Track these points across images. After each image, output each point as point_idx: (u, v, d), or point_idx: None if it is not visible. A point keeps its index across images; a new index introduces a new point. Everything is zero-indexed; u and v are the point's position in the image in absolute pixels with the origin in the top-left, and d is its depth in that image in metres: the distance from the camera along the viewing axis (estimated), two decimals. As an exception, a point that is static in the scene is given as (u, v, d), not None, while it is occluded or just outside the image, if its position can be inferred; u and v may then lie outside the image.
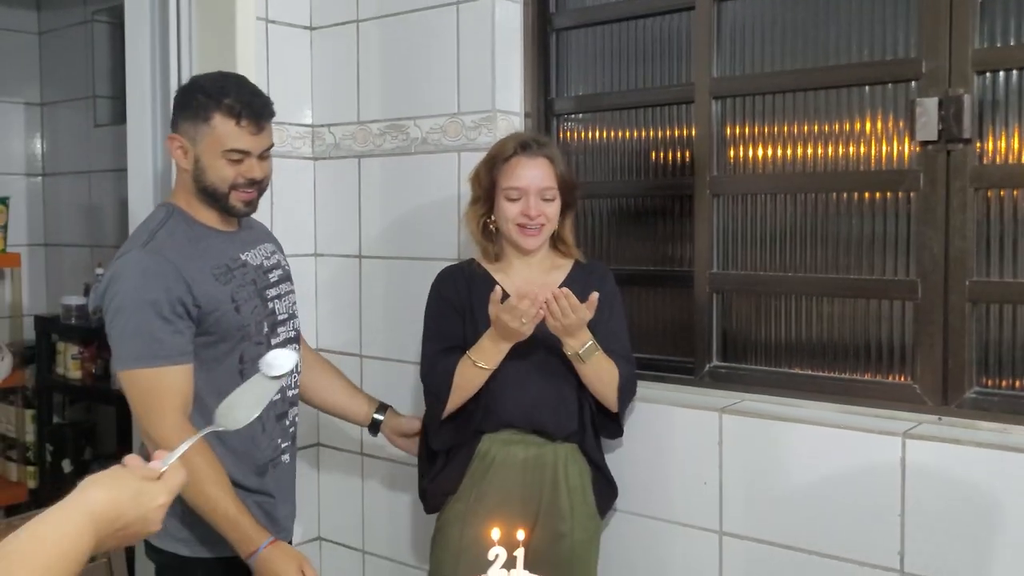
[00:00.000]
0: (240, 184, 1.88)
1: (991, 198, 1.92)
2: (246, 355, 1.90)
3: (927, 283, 1.98)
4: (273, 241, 2.14)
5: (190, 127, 1.86)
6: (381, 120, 2.71)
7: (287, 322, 2.04)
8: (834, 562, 1.97)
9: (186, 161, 1.88)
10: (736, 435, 2.11)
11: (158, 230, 1.87)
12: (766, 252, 2.23)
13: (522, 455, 2.04)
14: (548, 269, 2.11)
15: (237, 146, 1.86)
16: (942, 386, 1.96)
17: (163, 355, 1.79)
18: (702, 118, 2.28)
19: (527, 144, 2.03)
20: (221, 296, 1.86)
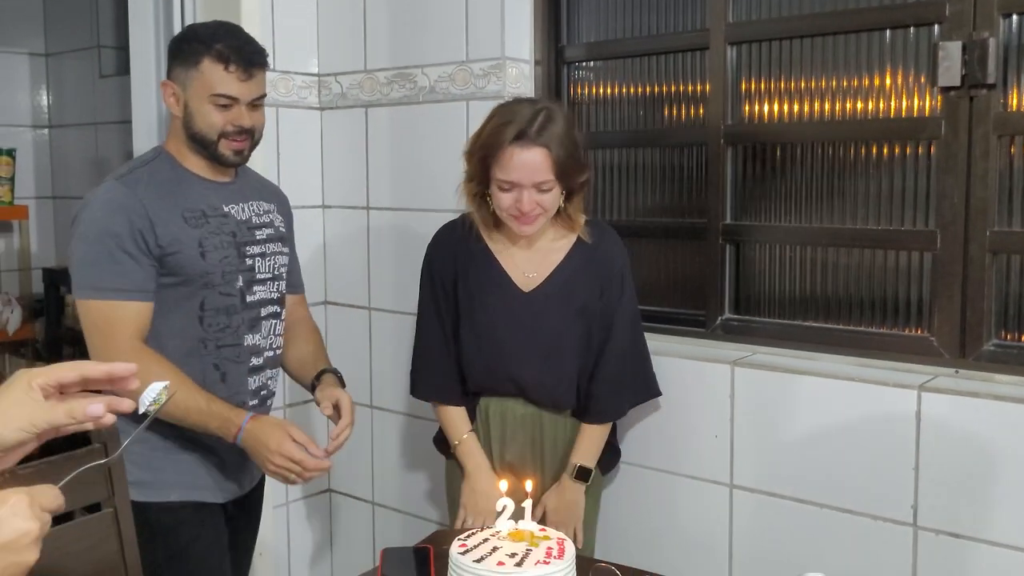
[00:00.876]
0: (229, 132, 1.86)
1: (1015, 146, 1.87)
2: (208, 303, 1.86)
3: (946, 233, 1.93)
4: (277, 202, 2.09)
5: (181, 72, 1.85)
6: (389, 68, 2.66)
7: (269, 283, 1.98)
8: (846, 515, 1.96)
9: (177, 107, 1.87)
10: (748, 388, 2.09)
11: (139, 167, 1.87)
12: (781, 203, 2.18)
13: (520, 411, 2.04)
14: (551, 241, 1.99)
15: (224, 91, 1.83)
16: (960, 339, 1.93)
17: (121, 288, 1.77)
18: (717, 65, 2.22)
19: (523, 132, 1.83)
20: (185, 238, 1.82)
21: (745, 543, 2.11)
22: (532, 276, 1.98)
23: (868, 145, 2.04)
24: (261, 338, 1.96)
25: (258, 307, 1.95)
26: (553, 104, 1.93)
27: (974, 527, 1.81)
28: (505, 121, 1.85)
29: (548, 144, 1.83)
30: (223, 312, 1.88)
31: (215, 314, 1.87)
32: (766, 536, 2.08)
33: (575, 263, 1.97)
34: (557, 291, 1.97)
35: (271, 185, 2.17)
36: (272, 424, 1.82)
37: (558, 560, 1.34)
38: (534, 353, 1.98)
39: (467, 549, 1.37)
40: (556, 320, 1.97)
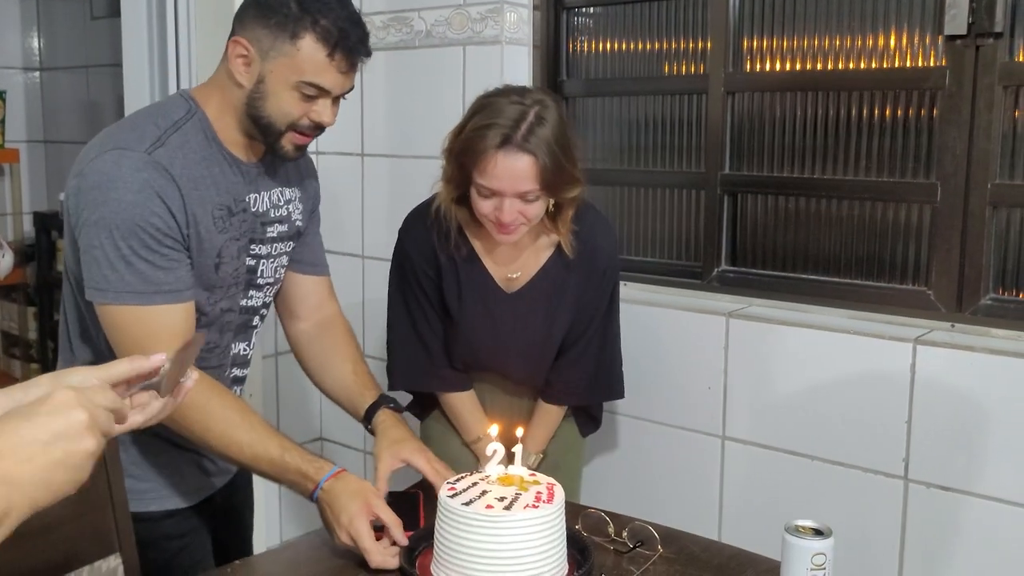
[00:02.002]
0: (303, 126, 1.50)
1: (1020, 96, 1.83)
2: (202, 320, 1.55)
3: (947, 186, 1.90)
4: (302, 184, 1.71)
5: (267, 37, 1.45)
6: (384, 12, 2.61)
7: (267, 288, 1.67)
8: (838, 468, 1.96)
9: (246, 75, 1.47)
10: (743, 340, 2.08)
11: (171, 133, 1.47)
12: (781, 153, 2.15)
13: (500, 381, 1.98)
14: (536, 239, 1.83)
15: (319, 81, 1.46)
16: (957, 293, 1.91)
17: (164, 290, 1.44)
18: (719, 11, 2.18)
19: (508, 137, 1.62)
20: (209, 245, 1.50)
21: (736, 494, 2.11)
22: (515, 277, 1.85)
23: (871, 96, 2.01)
24: (247, 347, 1.69)
25: (250, 314, 1.65)
26: (546, 99, 1.69)
27: (965, 480, 1.81)
28: (489, 122, 1.64)
29: (536, 151, 1.62)
30: (216, 328, 1.58)
31: (207, 329, 1.56)
32: (757, 487, 2.08)
33: (562, 262, 1.83)
34: (542, 290, 1.84)
35: (305, 160, 1.74)
36: (353, 492, 1.45)
37: (547, 504, 1.33)
38: (517, 352, 1.89)
39: (456, 493, 1.36)
40: (541, 318, 1.85)
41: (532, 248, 1.84)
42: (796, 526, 1.25)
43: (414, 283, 1.89)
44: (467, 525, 1.30)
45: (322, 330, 1.76)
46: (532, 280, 1.84)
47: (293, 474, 1.47)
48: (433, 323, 1.90)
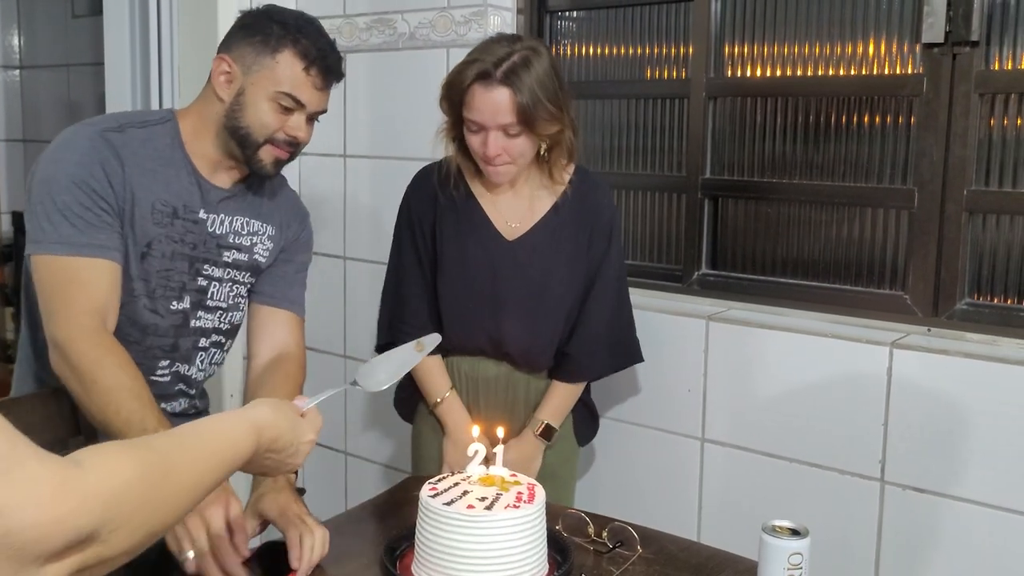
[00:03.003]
0: (279, 139, 1.58)
1: (995, 104, 1.86)
2: (125, 307, 1.56)
3: (924, 192, 1.93)
4: (280, 225, 1.74)
5: (249, 53, 1.56)
6: (368, 14, 2.61)
7: (219, 312, 1.69)
8: (815, 470, 1.98)
9: (227, 90, 1.57)
10: (722, 343, 2.09)
11: (135, 126, 1.57)
12: (761, 158, 2.17)
13: (493, 372, 1.94)
14: (536, 189, 1.90)
15: (295, 93, 1.56)
16: (933, 297, 1.94)
17: (93, 244, 1.49)
18: (701, 16, 2.20)
19: (487, 72, 1.72)
20: (140, 233, 1.55)
21: (715, 495, 2.13)
22: (516, 226, 1.89)
23: (850, 102, 2.03)
24: (197, 370, 1.70)
25: (200, 336, 1.68)
26: (538, 46, 1.79)
27: (940, 483, 1.84)
28: (473, 59, 1.76)
29: (513, 85, 1.71)
30: (138, 328, 1.59)
31: (126, 323, 1.57)
32: (736, 489, 2.10)
33: (563, 214, 1.88)
34: (542, 241, 1.88)
35: (290, 201, 1.80)
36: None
37: (528, 504, 1.34)
38: (515, 306, 1.88)
39: (437, 493, 1.37)
40: (540, 271, 1.87)
41: (533, 197, 1.90)
42: (773, 526, 1.26)
43: (407, 233, 1.94)
44: (448, 525, 1.31)
45: (275, 363, 1.70)
46: (531, 230, 1.89)
47: None
48: (416, 282, 1.93)
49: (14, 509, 0.71)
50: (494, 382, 1.95)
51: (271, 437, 1.12)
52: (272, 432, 1.12)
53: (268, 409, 1.13)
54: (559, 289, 1.89)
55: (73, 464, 0.79)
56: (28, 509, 0.72)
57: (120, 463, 0.84)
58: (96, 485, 0.79)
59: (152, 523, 0.87)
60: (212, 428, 1.07)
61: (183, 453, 0.96)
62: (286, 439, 1.15)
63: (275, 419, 1.13)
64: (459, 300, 1.91)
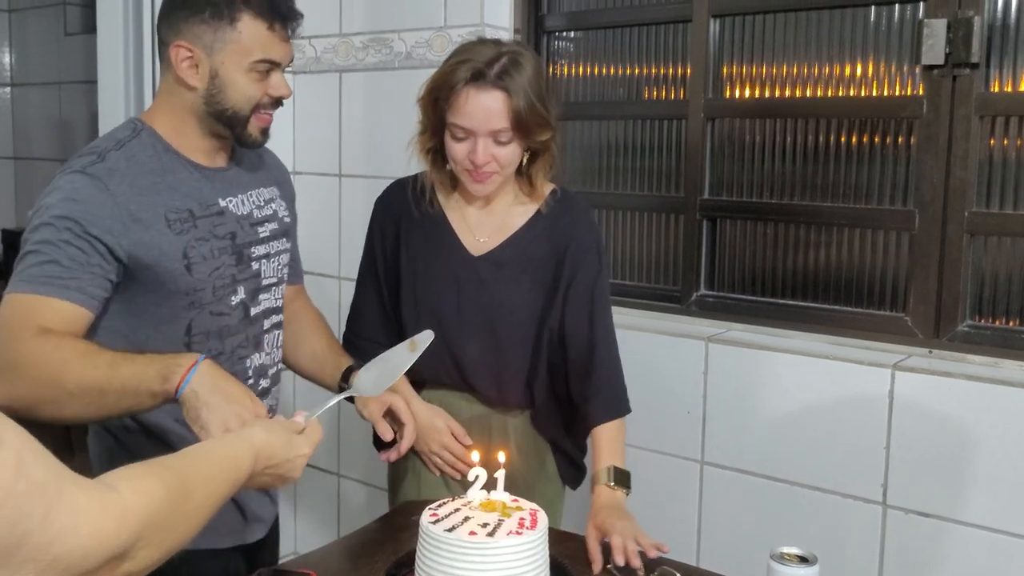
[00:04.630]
0: (265, 104, 1.51)
1: (996, 126, 1.86)
2: (196, 326, 1.51)
3: (925, 214, 1.92)
4: (278, 182, 1.73)
5: (205, 31, 1.45)
6: (364, 33, 2.60)
7: (274, 288, 1.66)
8: (816, 493, 1.96)
9: (197, 76, 1.47)
10: (722, 365, 2.08)
11: (112, 150, 1.47)
12: (761, 179, 2.16)
13: (467, 414, 1.81)
14: (511, 205, 1.79)
15: (269, 56, 1.48)
16: (934, 319, 1.93)
17: (55, 284, 1.36)
18: (700, 37, 2.19)
19: (480, 72, 1.61)
20: (167, 247, 1.45)
21: (714, 519, 2.10)
22: (484, 241, 1.77)
23: (850, 123, 2.03)
24: (265, 355, 1.65)
25: (262, 319, 1.63)
26: (523, 49, 1.70)
27: (943, 507, 1.82)
28: (463, 60, 1.64)
29: (508, 89, 1.61)
30: (215, 336, 1.54)
31: (205, 339, 1.52)
32: (736, 513, 2.07)
33: (535, 232, 1.76)
34: (510, 258, 1.75)
35: (271, 157, 1.75)
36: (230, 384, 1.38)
37: (530, 531, 1.32)
38: (476, 328, 1.75)
39: (438, 519, 1.34)
40: (504, 291, 1.74)
41: (506, 213, 1.78)
42: (781, 553, 1.24)
43: (369, 246, 1.87)
44: (450, 552, 1.28)
45: (294, 315, 1.79)
46: (500, 246, 1.77)
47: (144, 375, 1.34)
48: (372, 298, 1.85)
49: (64, 536, 0.76)
50: (468, 424, 1.80)
51: (267, 456, 1.17)
52: (267, 451, 1.17)
53: (262, 431, 1.19)
54: (522, 313, 1.75)
55: (107, 487, 0.84)
56: (75, 535, 0.77)
57: (150, 484, 0.89)
58: (133, 506, 0.85)
59: (172, 541, 0.92)
60: (218, 450, 1.13)
61: (197, 475, 1.01)
62: (281, 456, 1.20)
63: (269, 439, 1.18)
64: (421, 322, 1.73)
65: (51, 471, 0.77)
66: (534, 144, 1.70)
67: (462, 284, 1.76)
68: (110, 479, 0.87)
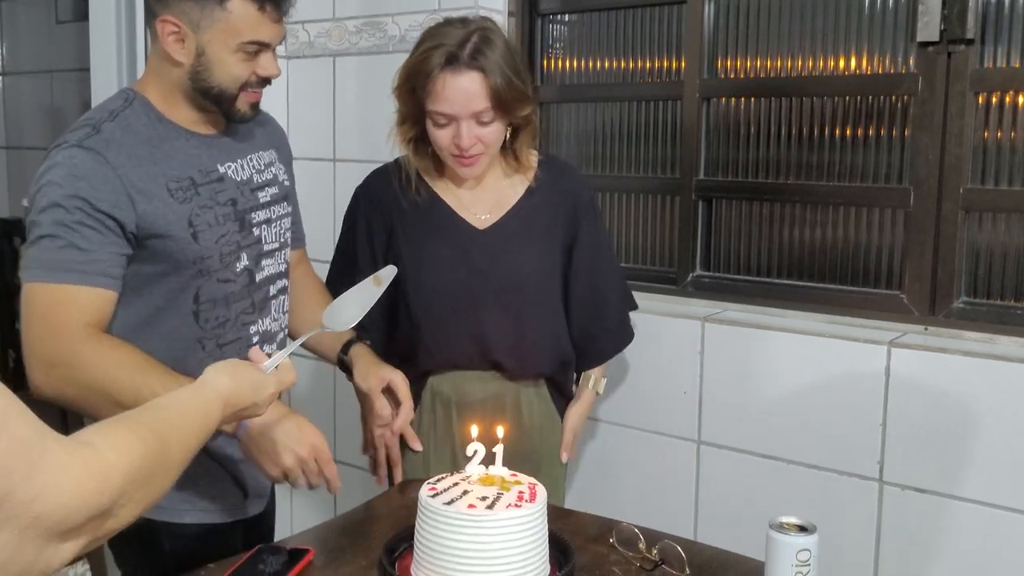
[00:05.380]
0: (252, 83, 1.52)
1: (991, 103, 1.86)
2: (204, 294, 1.53)
3: (920, 191, 1.92)
4: (276, 145, 1.74)
5: (193, 8, 1.44)
6: (358, 17, 2.59)
7: (277, 253, 1.67)
8: (813, 471, 1.96)
9: (183, 52, 1.47)
10: (718, 344, 2.08)
11: (106, 121, 1.47)
12: (756, 159, 2.16)
13: (480, 394, 1.81)
14: (502, 179, 1.81)
15: (258, 37, 1.48)
16: (930, 296, 1.93)
17: (77, 269, 1.39)
18: (695, 15, 2.19)
19: (453, 56, 1.62)
20: (173, 217, 1.47)
21: (711, 498, 2.11)
22: (486, 217, 1.79)
23: (844, 101, 2.03)
24: (272, 320, 1.66)
25: (267, 285, 1.64)
26: (489, 24, 1.71)
27: (939, 482, 1.82)
28: (434, 45, 1.64)
29: (483, 68, 1.62)
30: (222, 303, 1.55)
31: (212, 307, 1.54)
32: (732, 492, 2.08)
33: (535, 200, 1.79)
34: (516, 228, 1.78)
35: (266, 119, 1.74)
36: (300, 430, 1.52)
37: (530, 503, 1.32)
38: (494, 300, 1.76)
39: (437, 493, 1.34)
40: (517, 259, 1.77)
41: (501, 187, 1.81)
42: (780, 523, 1.25)
43: (351, 240, 1.85)
44: (448, 525, 1.29)
45: (295, 282, 1.80)
46: (503, 218, 1.80)
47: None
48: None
49: (46, 494, 0.77)
50: (480, 404, 1.80)
51: (234, 402, 1.22)
52: (234, 399, 1.22)
53: (227, 378, 1.21)
54: (537, 277, 1.79)
55: (87, 445, 0.85)
56: (57, 493, 0.78)
57: (130, 441, 0.90)
58: (115, 464, 0.86)
59: (151, 495, 0.95)
60: (189, 403, 1.13)
61: (172, 428, 1.03)
62: (247, 399, 1.25)
63: (236, 385, 1.22)
64: (433, 304, 1.77)
65: (34, 429, 0.78)
66: (516, 120, 1.72)
67: (472, 259, 1.77)
68: (87, 435, 0.88)
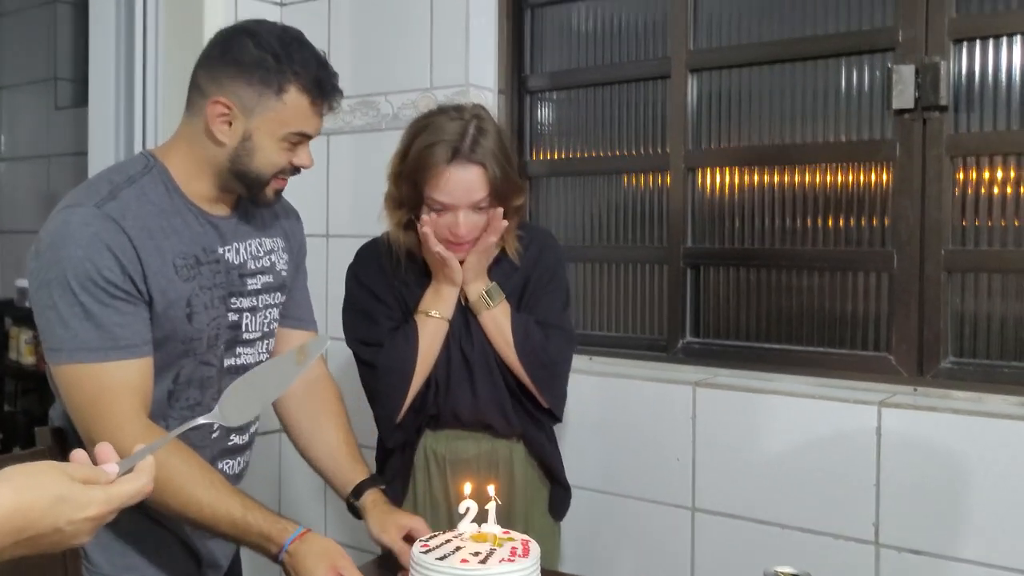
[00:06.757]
0: (286, 171, 1.53)
1: (967, 166, 1.91)
2: (184, 375, 1.50)
3: (903, 254, 1.96)
4: (287, 235, 1.72)
5: (250, 94, 1.45)
6: (351, 96, 2.65)
7: (258, 343, 1.62)
8: (808, 535, 1.94)
9: (229, 134, 1.47)
10: (710, 410, 2.08)
11: (125, 187, 1.45)
12: (741, 227, 2.21)
13: (473, 451, 1.85)
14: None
15: (304, 129, 1.49)
16: (917, 357, 1.95)
17: (120, 345, 1.39)
18: (678, 92, 2.26)
19: (456, 150, 1.69)
20: (174, 295, 1.45)
21: (707, 567, 2.08)
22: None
23: (826, 169, 2.08)
24: None
25: (238, 374, 1.56)
26: (481, 111, 1.77)
27: (935, 543, 1.81)
28: (434, 140, 1.71)
29: (484, 162, 1.70)
30: (197, 385, 1.53)
31: (187, 387, 1.51)
32: (728, 559, 2.05)
33: (507, 269, 1.84)
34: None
35: (287, 210, 1.75)
36: (319, 553, 1.42)
37: (523, 559, 1.31)
38: (481, 370, 1.81)
39: (429, 549, 1.33)
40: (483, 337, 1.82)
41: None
42: (775, 572, 1.24)
43: (379, 306, 1.85)
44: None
45: (309, 392, 1.72)
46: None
47: (255, 536, 1.43)
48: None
49: None
50: (474, 461, 1.85)
51: (15, 528, 0.87)
52: (16, 521, 0.87)
53: (9, 490, 0.87)
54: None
55: None
56: None
57: None
58: None
59: None
60: None
61: None
62: (43, 524, 0.89)
63: (19, 501, 0.87)
64: (438, 367, 1.82)
65: None
66: (509, 209, 1.77)
67: (456, 331, 1.82)
68: None
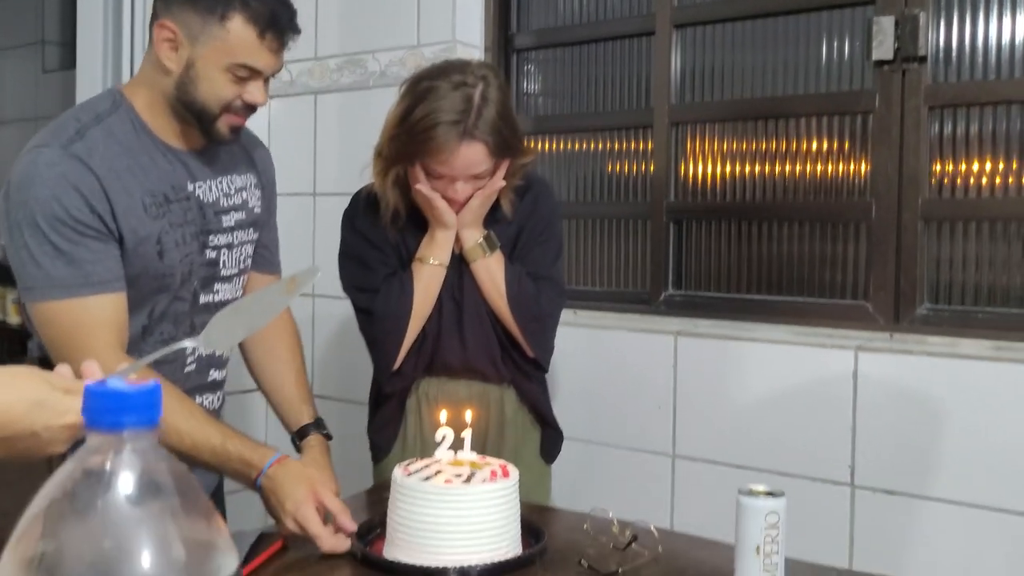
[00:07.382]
0: (237, 107, 1.49)
1: (944, 117, 1.95)
2: (158, 310, 1.52)
3: (880, 204, 2.00)
4: (258, 170, 1.71)
5: (195, 20, 1.43)
6: (339, 55, 2.68)
7: (235, 279, 1.64)
8: (786, 479, 1.98)
9: (174, 60, 1.45)
10: (691, 358, 2.12)
11: (92, 127, 1.44)
12: (723, 180, 2.24)
13: (465, 392, 1.85)
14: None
15: (251, 62, 1.45)
16: (894, 305, 1.99)
17: (92, 281, 1.41)
18: (663, 48, 2.29)
19: (462, 130, 1.65)
20: (144, 233, 1.46)
21: (687, 512, 2.12)
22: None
23: (807, 120, 2.11)
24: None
25: (216, 310, 1.51)
26: (488, 74, 1.71)
27: (910, 484, 1.85)
28: (437, 118, 1.65)
29: (487, 138, 1.66)
30: (170, 319, 1.54)
31: (160, 322, 1.53)
32: (708, 504, 2.08)
33: (497, 219, 1.82)
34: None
35: (252, 141, 1.73)
36: (297, 478, 1.44)
37: (504, 479, 1.34)
38: (473, 319, 1.82)
39: (411, 473, 1.36)
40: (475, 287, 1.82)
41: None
42: (750, 489, 1.27)
43: (373, 252, 1.85)
44: (426, 500, 1.30)
45: (266, 330, 1.71)
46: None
47: (235, 462, 1.45)
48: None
49: None
50: (469, 403, 1.77)
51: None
52: None
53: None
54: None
55: None
56: None
57: None
58: None
59: None
60: None
61: None
62: (20, 426, 0.90)
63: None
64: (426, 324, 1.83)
65: None
66: (513, 165, 1.75)
67: (453, 277, 1.81)
68: None
